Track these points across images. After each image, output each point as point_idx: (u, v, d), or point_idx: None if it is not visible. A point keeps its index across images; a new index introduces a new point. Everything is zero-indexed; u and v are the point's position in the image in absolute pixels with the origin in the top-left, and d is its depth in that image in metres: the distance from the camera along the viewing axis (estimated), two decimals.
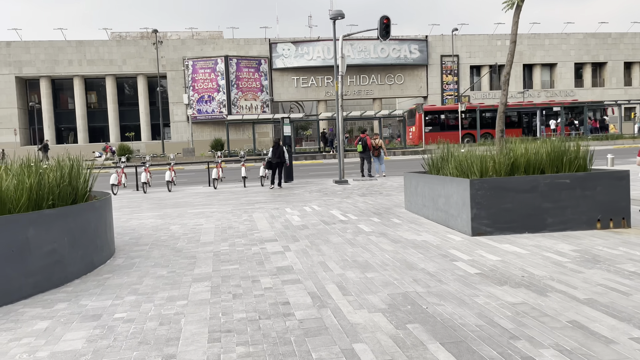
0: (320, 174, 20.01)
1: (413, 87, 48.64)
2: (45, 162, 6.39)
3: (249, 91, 45.75)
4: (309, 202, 11.03)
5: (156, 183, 17.43)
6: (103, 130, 46.87)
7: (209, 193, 13.93)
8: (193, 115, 43.00)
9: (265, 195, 12.74)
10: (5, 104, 43.62)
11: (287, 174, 15.73)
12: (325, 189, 13.61)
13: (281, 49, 46.27)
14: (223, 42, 46.05)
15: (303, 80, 47.08)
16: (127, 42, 45.16)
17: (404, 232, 7.25)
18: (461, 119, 33.24)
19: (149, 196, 13.82)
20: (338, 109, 15.31)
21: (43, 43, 43.93)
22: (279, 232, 7.53)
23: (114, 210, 10.77)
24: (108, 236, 6.24)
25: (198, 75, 44.95)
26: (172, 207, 11.19)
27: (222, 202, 11.59)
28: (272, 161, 14.25)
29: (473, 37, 49.51)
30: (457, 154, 7.96)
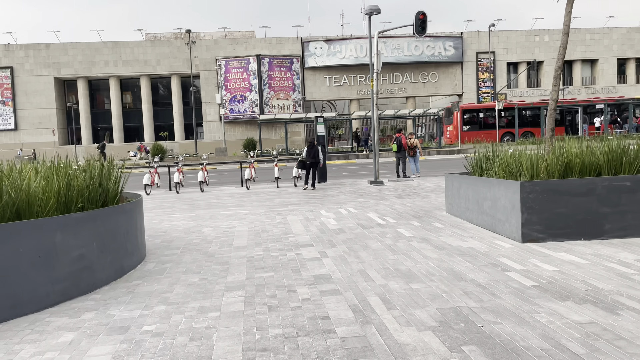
0: (354, 174, 19.61)
1: (447, 85, 47.63)
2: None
3: (281, 90, 45.69)
4: (344, 204, 10.67)
5: (189, 183, 17.38)
6: (138, 130, 47.66)
7: (241, 194, 13.73)
8: (225, 114, 43.20)
9: (299, 197, 12.44)
10: (45, 104, 44.85)
11: (320, 174, 15.40)
12: (361, 190, 13.22)
13: (313, 48, 46.02)
14: (255, 42, 46.13)
15: (335, 79, 46.71)
16: (161, 43, 45.77)
17: (448, 237, 6.80)
18: (499, 118, 32.23)
19: (182, 196, 13.72)
20: (373, 108, 14.88)
21: (80, 45, 44.96)
22: (315, 237, 7.19)
23: (146, 211, 10.66)
24: (139, 240, 6.03)
25: (230, 75, 45.17)
26: (204, 208, 11.00)
27: (255, 204, 11.34)
28: (306, 161, 13.94)
29: (510, 33, 48.11)
30: (504, 154, 7.45)
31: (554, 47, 47.97)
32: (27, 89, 44.51)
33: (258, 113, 44.04)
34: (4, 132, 44.62)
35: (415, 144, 16.06)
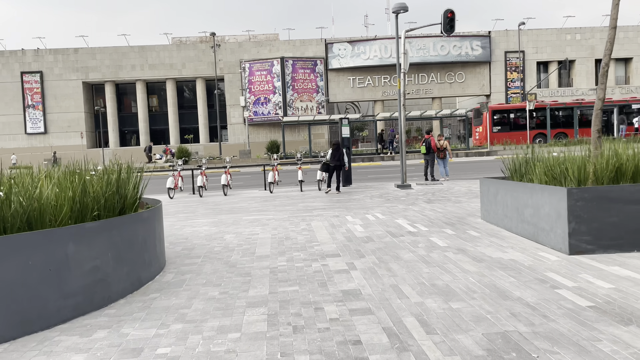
0: (380, 177, 19.14)
1: (475, 85, 46.64)
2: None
3: (305, 92, 45.46)
4: (371, 209, 10.24)
5: (212, 186, 17.18)
6: (164, 133, 48.04)
7: (265, 197, 13.43)
8: (249, 117, 43.18)
9: (323, 201, 12.06)
10: (73, 108, 45.57)
11: (345, 177, 14.99)
12: (387, 194, 12.76)
13: (337, 49, 45.65)
14: (279, 44, 46.02)
15: (359, 80, 46.24)
16: (186, 47, 46.06)
17: (486, 247, 6.32)
18: (531, 118, 31.28)
19: (205, 200, 13.49)
20: (400, 108, 14.41)
21: (108, 49, 45.55)
22: (341, 245, 6.79)
23: (168, 215, 10.43)
24: (158, 249, 5.73)
25: (254, 78, 45.15)
26: (227, 212, 10.72)
27: (279, 208, 11.01)
28: (331, 164, 13.57)
29: (540, 31, 46.86)
30: (547, 157, 6.93)
31: (585, 46, 46.57)
32: (56, 93, 45.31)
33: (281, 115, 43.88)
34: (34, 135, 45.49)
35: (444, 146, 15.51)
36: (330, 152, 13.78)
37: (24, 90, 45.00)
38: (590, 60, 46.91)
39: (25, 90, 45.06)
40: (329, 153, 13.78)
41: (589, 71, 46.97)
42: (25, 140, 45.55)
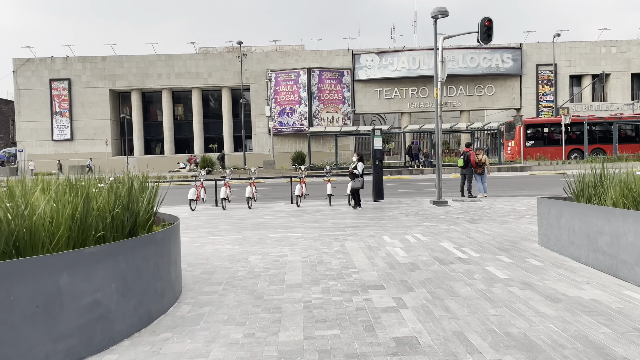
0: (412, 192, 18.15)
1: (505, 98, 45.31)
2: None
3: (331, 103, 44.79)
4: (409, 228, 9.30)
5: (236, 198, 16.45)
6: (188, 142, 47.90)
7: (292, 212, 12.60)
8: (274, 127, 42.65)
9: (355, 217, 11.16)
10: (100, 115, 45.77)
11: (377, 191, 14.09)
12: (424, 212, 11.79)
13: (364, 60, 44.94)
14: (306, 54, 45.56)
15: (386, 91, 45.38)
16: (212, 56, 45.95)
17: (556, 282, 5.34)
18: (566, 133, 29.90)
19: (228, 213, 12.73)
20: (437, 119, 13.48)
21: (135, 57, 45.73)
22: (384, 273, 5.89)
23: (188, 230, 9.67)
24: (173, 275, 4.93)
25: (280, 88, 44.71)
26: (251, 228, 9.91)
27: (307, 225, 10.16)
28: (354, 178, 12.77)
29: (573, 44, 45.37)
30: (626, 176, 5.94)
31: (621, 59, 44.89)
32: (83, 101, 45.62)
33: (307, 126, 43.26)
34: (61, 142, 45.80)
35: (483, 161, 14.48)
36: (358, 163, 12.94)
37: (52, 97, 45.44)
38: (626, 74, 45.18)
39: (54, 97, 45.49)
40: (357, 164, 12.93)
41: (625, 85, 45.20)
42: (51, 147, 45.89)
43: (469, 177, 14.76)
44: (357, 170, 13.00)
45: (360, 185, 12.85)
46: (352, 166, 13.11)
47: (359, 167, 13.07)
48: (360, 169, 13.04)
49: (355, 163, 13.19)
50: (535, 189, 17.71)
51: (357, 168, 13.02)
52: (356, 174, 12.95)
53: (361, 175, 12.95)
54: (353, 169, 13.06)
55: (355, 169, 13.01)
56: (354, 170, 13.00)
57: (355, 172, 12.95)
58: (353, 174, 12.99)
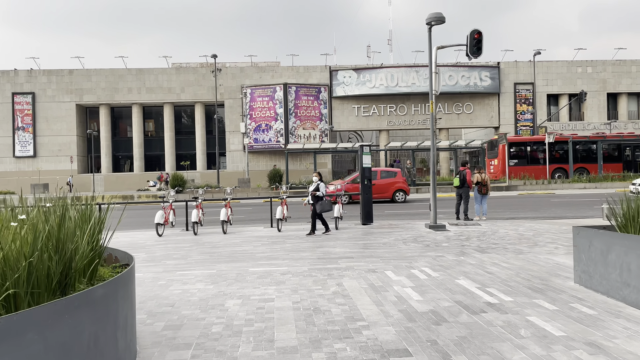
0: (400, 214, 16.95)
1: (483, 116, 45.02)
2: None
3: (308, 120, 43.69)
4: (412, 260, 8.02)
5: (210, 220, 14.96)
6: (159, 159, 45.99)
7: (273, 238, 11.20)
8: (249, 144, 41.24)
9: (346, 245, 9.84)
10: (65, 131, 43.55)
11: (365, 214, 12.82)
12: (422, 237, 10.56)
13: (342, 77, 44.12)
14: (282, 70, 44.49)
15: (364, 108, 44.58)
16: (186, 70, 44.46)
17: (628, 341, 4.11)
18: (550, 152, 29.38)
19: (201, 239, 11.25)
20: (433, 135, 12.36)
21: (104, 71, 43.88)
22: (402, 329, 4.57)
23: (153, 262, 8.18)
24: (121, 346, 3.50)
25: (256, 104, 43.43)
26: (228, 260, 8.48)
27: (293, 255, 8.78)
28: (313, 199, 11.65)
29: (550, 63, 45.61)
30: None
31: (597, 79, 45.27)
32: (48, 115, 43.38)
33: (283, 143, 42.02)
34: (23, 159, 43.31)
35: (486, 181, 13.39)
36: (318, 183, 11.74)
37: (15, 111, 43.07)
38: (602, 94, 45.55)
39: (16, 112, 43.12)
40: (317, 184, 11.73)
41: (601, 105, 45.53)
42: (12, 164, 43.34)
43: (465, 197, 13.66)
44: (319, 191, 11.72)
45: (329, 207, 11.60)
46: (311, 187, 11.80)
47: (321, 188, 11.78)
48: (322, 190, 11.78)
49: (316, 183, 11.85)
50: (530, 211, 16.76)
51: (318, 189, 11.73)
52: (319, 196, 11.68)
53: (324, 196, 11.71)
54: (315, 190, 11.75)
55: (317, 189, 11.72)
56: (317, 192, 11.71)
57: (317, 194, 11.69)
58: (316, 196, 11.71)
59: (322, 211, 11.50)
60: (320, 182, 11.84)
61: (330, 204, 11.59)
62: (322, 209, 11.43)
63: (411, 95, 44.07)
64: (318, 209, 11.50)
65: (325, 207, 11.44)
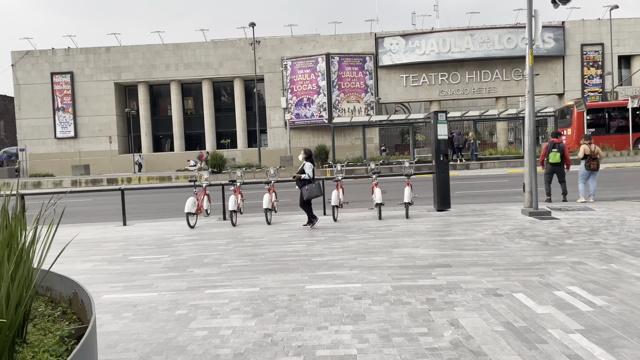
0: (475, 195, 14.29)
1: (546, 82, 40.92)
2: None
3: (352, 92, 40.91)
4: (542, 270, 5.52)
5: (251, 205, 12.84)
6: (200, 137, 44.50)
7: (329, 231, 8.90)
8: (291, 120, 38.98)
9: (430, 242, 7.41)
10: (105, 111, 42.55)
11: (442, 197, 10.31)
12: (528, 230, 7.98)
13: (388, 44, 40.91)
14: (324, 39, 41.69)
15: (413, 78, 41.31)
16: (224, 44, 42.34)
17: None
18: (633, 119, 25.69)
19: (240, 233, 9.08)
20: (530, 98, 9.66)
21: (141, 47, 42.39)
22: None
23: (175, 273, 6.01)
24: None
25: (297, 77, 40.96)
26: (274, 267, 6.25)
27: (362, 259, 6.46)
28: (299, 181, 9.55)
29: (621, 21, 40.78)
30: None
31: None
32: (87, 95, 42.42)
33: (326, 118, 39.53)
34: (64, 140, 42.70)
35: (596, 154, 10.61)
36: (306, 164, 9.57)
37: (54, 92, 42.30)
38: None
39: (56, 92, 42.34)
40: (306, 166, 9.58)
41: None
42: (54, 145, 42.82)
43: (559, 175, 10.92)
44: (305, 173, 9.48)
45: (318, 192, 9.38)
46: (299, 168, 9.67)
47: (306, 168, 9.51)
48: (309, 171, 9.50)
49: (302, 164, 9.67)
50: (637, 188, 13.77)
51: (304, 171, 9.51)
52: (306, 179, 9.44)
53: (312, 179, 9.47)
54: (300, 172, 9.56)
55: (303, 172, 9.52)
56: (302, 175, 9.49)
57: (304, 177, 9.46)
58: (301, 179, 9.47)
59: (309, 198, 9.31)
60: (306, 161, 9.61)
61: (319, 188, 9.39)
62: (309, 195, 9.28)
63: (465, 61, 40.44)
64: (305, 195, 9.32)
65: (313, 193, 9.29)
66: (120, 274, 6.23)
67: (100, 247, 8.32)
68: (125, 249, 8.03)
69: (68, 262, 7.19)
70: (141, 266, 6.64)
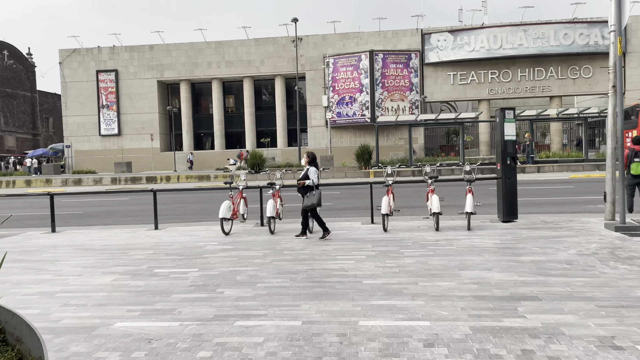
0: (538, 202, 12.87)
1: (604, 81, 38.17)
2: None
3: (396, 90, 39.52)
4: None
5: (292, 209, 11.91)
6: (240, 136, 44.17)
7: (380, 243, 7.82)
8: (332, 118, 37.98)
9: (503, 263, 6.23)
10: (148, 109, 42.81)
11: (508, 206, 9.04)
12: (621, 250, 6.66)
13: (435, 40, 39.30)
14: (367, 36, 40.48)
15: (461, 75, 39.52)
16: (265, 42, 41.77)
17: None
18: None
19: (278, 243, 8.13)
20: (615, 94, 8.29)
21: (184, 45, 42.38)
22: None
23: (202, 294, 5.06)
24: None
25: (339, 75, 39.93)
26: (318, 291, 5.24)
27: (425, 284, 5.36)
28: (300, 186, 8.60)
29: None
30: None
31: None
32: (131, 93, 42.78)
33: (369, 116, 38.36)
34: (108, 137, 43.23)
35: None
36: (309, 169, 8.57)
37: (99, 89, 42.87)
38: None
39: (101, 90, 42.91)
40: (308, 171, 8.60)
41: None
42: (99, 142, 43.43)
43: None
44: (310, 180, 8.43)
45: (317, 201, 8.27)
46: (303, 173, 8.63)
47: (311, 174, 8.45)
48: (313, 177, 8.42)
49: (305, 168, 8.62)
50: None
51: (308, 177, 8.47)
52: (310, 186, 8.39)
53: (316, 186, 8.38)
54: (303, 178, 8.50)
55: (307, 177, 8.47)
56: (306, 181, 8.44)
57: (308, 183, 8.42)
58: (304, 187, 8.44)
59: (306, 207, 8.27)
60: (310, 166, 8.55)
61: (319, 197, 8.30)
62: (308, 203, 8.23)
63: (517, 58, 38.38)
64: (304, 204, 8.30)
65: (311, 202, 8.22)
66: (141, 293, 5.37)
67: (126, 255, 7.54)
68: (151, 259, 7.21)
69: (88, 274, 6.41)
70: (166, 283, 5.77)
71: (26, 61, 63.00)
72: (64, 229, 10.76)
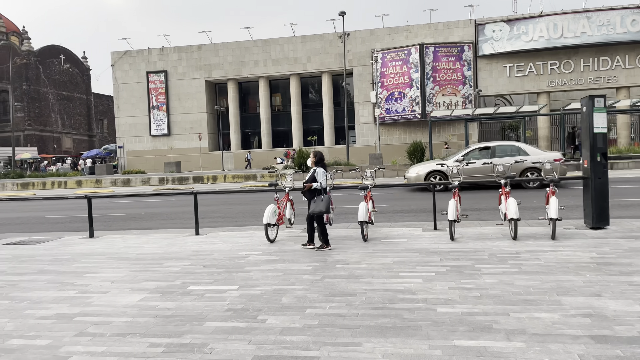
0: (620, 202, 11.28)
1: None
2: None
3: (448, 84, 37.74)
4: None
5: (341, 211, 10.92)
6: (287, 134, 43.63)
7: (448, 256, 6.70)
8: (381, 115, 36.69)
9: (615, 288, 5.00)
10: (196, 109, 42.97)
11: (599, 210, 7.68)
12: None
13: (490, 31, 37.23)
14: (417, 29, 38.91)
15: (518, 67, 37.27)
16: (312, 38, 40.96)
17: None
18: None
19: (328, 255, 7.15)
20: None
21: (231, 44, 42.23)
22: None
23: (238, 321, 4.11)
24: None
25: (387, 70, 38.56)
26: (381, 324, 4.23)
27: (522, 319, 4.25)
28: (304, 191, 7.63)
29: None
30: None
31: None
32: (180, 93, 43.06)
33: (419, 112, 36.81)
34: (158, 137, 43.70)
35: None
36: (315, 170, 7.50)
37: (149, 90, 43.40)
38: None
39: (151, 91, 43.43)
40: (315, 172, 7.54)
41: None
42: (149, 143, 44.00)
43: None
44: (317, 182, 7.34)
45: (325, 208, 7.21)
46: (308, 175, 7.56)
47: (318, 176, 7.35)
48: (321, 179, 7.32)
49: (312, 169, 7.52)
50: None
51: (315, 179, 7.38)
52: (317, 189, 7.32)
53: (324, 190, 7.31)
54: (310, 180, 7.43)
55: (313, 180, 7.40)
56: (313, 184, 7.37)
57: (315, 186, 7.35)
58: (310, 190, 7.39)
59: (313, 213, 7.24)
60: (317, 167, 7.46)
61: (328, 203, 7.28)
62: (316, 210, 7.19)
63: (580, 47, 35.77)
64: (311, 210, 7.30)
65: (319, 208, 7.18)
66: (169, 319, 4.52)
67: (160, 267, 6.78)
68: (187, 272, 6.40)
69: (115, 290, 5.66)
70: (199, 305, 4.90)
71: (81, 65, 65.11)
72: (103, 234, 10.22)
